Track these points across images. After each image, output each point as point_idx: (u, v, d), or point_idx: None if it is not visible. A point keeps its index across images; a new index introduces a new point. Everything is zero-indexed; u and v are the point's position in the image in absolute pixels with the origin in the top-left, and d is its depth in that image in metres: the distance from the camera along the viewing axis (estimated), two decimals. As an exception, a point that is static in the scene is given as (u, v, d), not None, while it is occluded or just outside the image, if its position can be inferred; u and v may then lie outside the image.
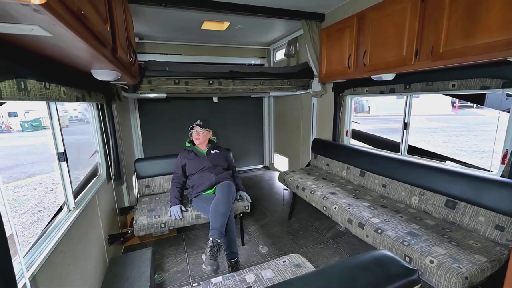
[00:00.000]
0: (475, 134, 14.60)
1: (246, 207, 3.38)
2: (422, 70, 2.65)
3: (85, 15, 1.08)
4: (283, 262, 2.10)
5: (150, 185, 3.78)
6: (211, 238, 2.71)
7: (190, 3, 3.50)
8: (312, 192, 3.47)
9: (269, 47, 6.61)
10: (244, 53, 6.53)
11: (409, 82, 3.07)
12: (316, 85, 4.60)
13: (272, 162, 7.37)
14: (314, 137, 5.03)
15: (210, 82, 4.03)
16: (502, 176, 2.41)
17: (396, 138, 3.79)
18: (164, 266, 3.18)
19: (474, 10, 2.03)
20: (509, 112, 2.36)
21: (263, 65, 6.72)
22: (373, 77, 3.11)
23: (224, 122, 6.70)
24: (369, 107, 24.92)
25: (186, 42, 5.87)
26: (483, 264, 1.88)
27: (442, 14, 2.25)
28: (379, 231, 2.41)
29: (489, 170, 2.63)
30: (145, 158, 3.98)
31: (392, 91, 3.31)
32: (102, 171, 3.19)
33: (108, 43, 1.55)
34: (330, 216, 3.08)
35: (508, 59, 1.99)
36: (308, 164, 4.97)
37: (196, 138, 3.48)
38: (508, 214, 2.14)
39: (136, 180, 3.80)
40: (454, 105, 23.64)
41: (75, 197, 2.29)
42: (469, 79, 2.51)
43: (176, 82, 3.84)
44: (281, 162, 6.87)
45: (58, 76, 1.74)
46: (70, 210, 2.18)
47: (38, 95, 1.46)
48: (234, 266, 2.98)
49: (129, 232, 3.31)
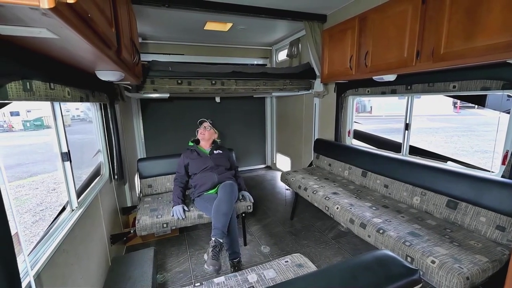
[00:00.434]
0: (477, 135, 14.57)
1: (248, 207, 3.39)
2: (423, 71, 2.66)
3: (91, 18, 1.09)
4: (285, 262, 2.10)
5: (153, 184, 3.79)
6: (213, 238, 2.71)
7: (193, 4, 3.52)
8: (314, 192, 3.48)
9: (271, 48, 6.63)
10: (246, 53, 6.54)
11: (410, 83, 3.08)
12: (318, 85, 4.61)
13: (274, 162, 7.38)
14: (316, 137, 5.03)
15: (213, 82, 4.04)
16: (502, 176, 2.42)
17: (397, 138, 3.79)
18: (166, 266, 3.18)
19: (474, 12, 2.04)
20: (509, 113, 2.37)
21: (266, 65, 6.72)
22: (374, 78, 3.12)
23: (226, 122, 6.70)
24: (371, 107, 24.90)
25: (189, 42, 5.89)
26: (484, 264, 1.89)
27: (442, 16, 2.26)
28: (381, 231, 2.42)
29: (490, 171, 2.64)
30: (147, 158, 3.99)
31: (393, 92, 3.32)
32: (105, 171, 3.19)
33: (113, 45, 1.56)
34: (332, 216, 3.09)
35: (508, 61, 2.00)
36: (310, 164, 4.97)
37: (201, 133, 3.50)
38: (508, 215, 2.15)
39: (138, 179, 3.81)
40: (456, 105, 23.57)
41: (78, 196, 2.30)
42: (469, 81, 2.52)
43: (179, 82, 3.86)
44: (283, 162, 6.88)
45: (62, 76, 1.75)
46: (73, 210, 2.19)
47: (43, 96, 1.47)
48: (236, 266, 2.98)
49: (131, 231, 3.30)
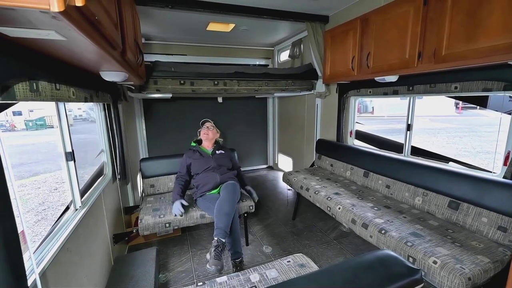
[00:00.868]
0: (479, 135, 14.53)
1: (251, 207, 3.40)
2: (425, 72, 2.67)
3: (98, 20, 1.11)
4: (288, 262, 2.11)
5: (155, 184, 3.81)
6: (216, 238, 2.72)
7: (196, 5, 3.53)
8: (316, 192, 3.49)
9: (273, 48, 6.64)
10: (249, 54, 6.56)
11: (412, 84, 3.09)
12: (320, 86, 4.61)
13: (276, 162, 7.38)
14: (318, 137, 5.04)
15: (215, 82, 4.05)
16: (504, 177, 2.43)
17: (399, 139, 3.80)
18: (168, 266, 3.19)
19: (475, 14, 2.05)
20: (510, 114, 2.37)
21: (268, 66, 6.74)
22: (376, 79, 3.13)
23: (229, 122, 6.70)
24: (373, 108, 24.85)
25: (191, 43, 5.90)
26: (486, 265, 1.90)
27: (444, 18, 2.27)
28: (383, 232, 2.43)
29: (491, 172, 2.64)
30: (150, 158, 4.00)
31: (395, 93, 3.33)
32: (108, 171, 3.21)
33: (118, 46, 1.58)
34: (334, 216, 3.10)
35: (509, 62, 2.00)
36: (312, 164, 4.98)
37: (205, 133, 3.51)
38: (510, 215, 2.16)
39: (141, 179, 3.83)
40: (458, 106, 23.51)
41: (82, 196, 2.31)
42: (471, 82, 2.53)
43: (181, 82, 3.87)
44: (285, 162, 6.89)
45: (68, 77, 1.77)
46: (76, 209, 2.20)
47: (49, 96, 1.49)
48: (239, 266, 2.99)
49: (134, 231, 3.31)
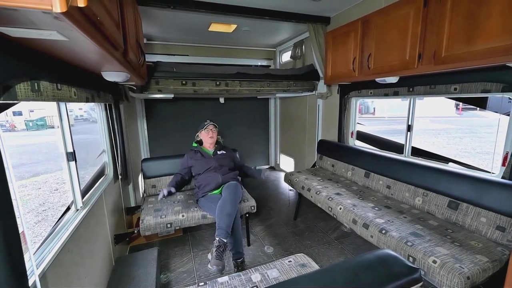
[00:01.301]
0: (479, 136, 14.54)
1: (252, 207, 3.40)
2: (425, 74, 2.69)
3: (100, 21, 1.12)
4: (289, 262, 2.11)
5: (157, 185, 3.81)
6: (217, 238, 2.73)
7: (198, 6, 3.54)
8: (317, 192, 3.50)
9: (275, 49, 6.66)
10: (250, 54, 6.58)
11: (412, 85, 3.10)
12: (321, 87, 4.62)
13: (278, 162, 7.39)
14: (319, 138, 5.05)
15: (217, 83, 4.06)
16: (502, 177, 2.44)
17: (400, 139, 3.81)
18: (170, 266, 3.20)
19: (474, 17, 2.07)
20: (509, 115, 2.38)
21: (270, 66, 6.76)
22: (377, 80, 3.14)
23: (230, 123, 6.72)
24: (374, 109, 24.86)
25: (193, 43, 5.92)
26: (485, 264, 1.91)
27: (443, 20, 2.29)
28: (384, 232, 2.43)
29: (490, 172, 2.65)
30: (152, 158, 4.01)
31: (396, 94, 3.34)
32: (109, 171, 3.21)
33: (119, 46, 1.59)
34: (335, 216, 3.10)
35: (507, 64, 2.02)
36: (313, 165, 4.99)
37: (211, 137, 3.51)
38: (508, 215, 2.17)
39: (142, 180, 3.83)
40: (458, 107, 23.51)
41: (83, 196, 2.31)
42: (470, 83, 2.55)
43: (183, 83, 3.88)
44: (286, 163, 6.90)
45: (69, 77, 1.78)
46: (77, 210, 2.21)
47: (51, 96, 1.50)
48: (240, 266, 2.99)
49: (135, 232, 3.32)
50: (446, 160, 3.47)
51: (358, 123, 4.42)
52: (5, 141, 1.17)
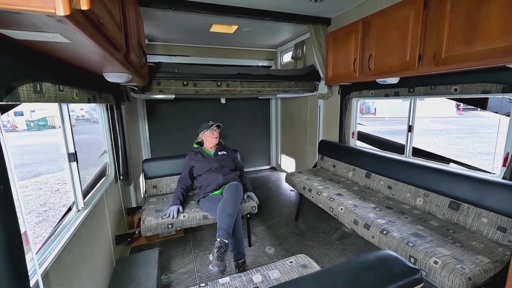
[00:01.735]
0: (480, 136, 14.52)
1: (253, 208, 3.40)
2: (425, 75, 2.69)
3: (103, 23, 1.12)
4: (290, 262, 2.11)
5: (158, 185, 3.82)
6: (219, 239, 2.73)
7: (199, 7, 3.54)
8: (318, 193, 3.50)
9: (276, 50, 6.67)
10: (251, 55, 6.59)
11: (413, 85, 3.11)
12: (322, 87, 4.63)
13: (279, 163, 7.39)
14: (320, 138, 5.06)
15: (218, 84, 4.07)
16: (503, 178, 2.44)
17: (401, 140, 3.81)
18: (171, 267, 3.19)
19: (473, 18, 2.08)
20: (509, 115, 2.39)
21: (271, 67, 6.76)
22: (378, 80, 3.15)
23: (231, 123, 6.72)
24: (375, 109, 24.85)
25: (195, 44, 5.94)
26: (486, 265, 1.91)
27: (443, 21, 2.30)
28: (385, 232, 2.44)
29: (491, 172, 2.66)
30: (153, 159, 4.01)
31: (396, 94, 3.34)
32: (111, 172, 3.21)
33: (121, 48, 1.59)
34: (336, 217, 3.11)
35: (507, 65, 2.04)
36: (314, 165, 4.99)
37: (215, 137, 3.51)
38: (509, 216, 2.17)
39: (143, 180, 3.84)
40: (459, 107, 23.48)
41: (84, 197, 2.32)
42: (470, 84, 2.56)
43: (184, 83, 3.89)
44: (288, 163, 6.90)
45: (71, 78, 1.79)
46: (79, 210, 2.21)
47: (53, 97, 1.50)
48: (241, 267, 3.00)
49: (136, 232, 3.32)
50: (447, 160, 3.47)
51: (358, 124, 4.42)
52: (7, 141, 1.18)
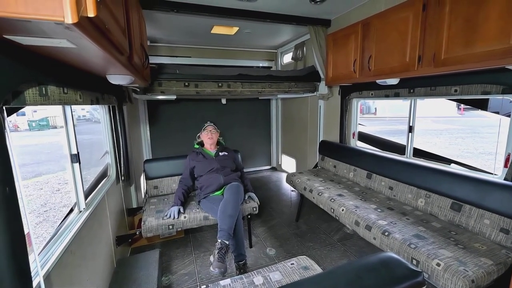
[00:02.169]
0: (481, 136, 14.53)
1: (254, 209, 3.40)
2: (425, 76, 2.71)
3: (108, 29, 1.13)
4: (291, 264, 2.11)
5: (159, 186, 3.82)
6: (219, 240, 2.72)
7: (201, 10, 3.57)
8: (319, 194, 3.50)
9: (276, 51, 6.68)
10: (252, 56, 6.60)
11: (413, 86, 3.12)
12: (322, 88, 4.64)
13: (279, 163, 7.39)
14: (321, 138, 5.06)
15: (219, 84, 4.08)
16: (505, 179, 2.44)
17: (402, 140, 3.81)
18: (171, 268, 3.19)
19: (472, 20, 2.09)
20: (509, 116, 2.39)
21: (271, 68, 6.77)
22: (378, 81, 3.15)
23: (232, 124, 6.73)
24: (375, 109, 24.88)
25: (196, 45, 5.95)
26: (489, 267, 1.90)
27: (442, 23, 2.31)
28: (386, 234, 2.43)
29: (492, 173, 2.66)
30: (154, 159, 4.02)
31: (396, 95, 3.35)
32: (112, 172, 3.22)
33: (125, 51, 1.60)
34: (337, 218, 3.11)
35: (506, 67, 2.05)
36: (315, 165, 4.99)
37: (209, 138, 3.51)
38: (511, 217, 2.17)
39: (144, 181, 3.84)
40: (460, 107, 23.50)
41: (86, 198, 2.32)
42: (470, 85, 2.57)
43: (186, 84, 3.90)
44: (288, 163, 6.90)
45: (75, 81, 1.80)
46: (80, 211, 2.22)
47: (57, 100, 1.52)
48: (242, 269, 2.99)
49: (137, 233, 3.32)
50: (448, 161, 3.48)
51: (359, 124, 4.43)
52: (12, 142, 1.19)
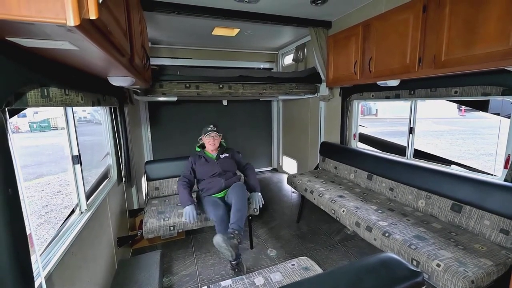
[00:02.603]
0: (482, 138, 14.50)
1: (255, 210, 3.41)
2: (426, 77, 2.71)
3: (110, 31, 1.14)
4: (292, 265, 2.12)
5: (160, 187, 3.82)
6: (231, 230, 2.75)
7: (202, 11, 3.58)
8: (320, 195, 3.50)
9: (277, 52, 6.69)
10: (253, 57, 6.60)
11: (413, 88, 3.13)
12: (323, 89, 4.65)
13: (280, 164, 7.40)
14: (322, 140, 5.06)
15: (220, 86, 4.09)
16: (505, 180, 2.44)
17: (402, 141, 3.81)
18: (172, 269, 3.19)
19: (472, 22, 2.10)
20: (509, 117, 2.40)
21: (272, 69, 6.78)
22: (378, 83, 3.16)
23: (233, 125, 6.74)
24: (376, 110, 24.86)
25: (197, 47, 5.95)
26: (489, 268, 1.91)
27: (442, 25, 2.32)
28: (387, 235, 2.44)
29: (492, 174, 2.66)
30: (155, 161, 4.03)
31: (397, 97, 3.36)
32: (113, 173, 3.23)
33: (126, 53, 1.61)
34: (338, 219, 3.11)
35: (506, 68, 2.05)
36: (316, 167, 4.99)
37: (211, 144, 3.41)
38: (511, 218, 2.17)
39: (145, 182, 3.85)
40: (461, 108, 23.48)
41: (87, 199, 2.33)
42: (470, 86, 2.58)
43: (187, 86, 3.91)
44: (289, 165, 6.90)
45: (77, 82, 1.81)
46: (82, 212, 2.22)
47: (59, 102, 1.53)
48: (236, 268, 3.00)
49: (138, 234, 3.33)
50: (448, 162, 3.48)
51: (360, 125, 4.44)
52: (14, 143, 1.19)
